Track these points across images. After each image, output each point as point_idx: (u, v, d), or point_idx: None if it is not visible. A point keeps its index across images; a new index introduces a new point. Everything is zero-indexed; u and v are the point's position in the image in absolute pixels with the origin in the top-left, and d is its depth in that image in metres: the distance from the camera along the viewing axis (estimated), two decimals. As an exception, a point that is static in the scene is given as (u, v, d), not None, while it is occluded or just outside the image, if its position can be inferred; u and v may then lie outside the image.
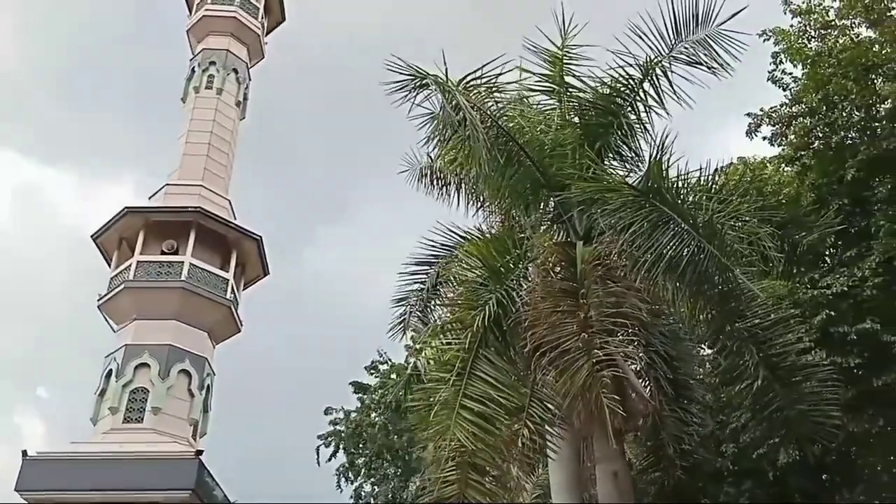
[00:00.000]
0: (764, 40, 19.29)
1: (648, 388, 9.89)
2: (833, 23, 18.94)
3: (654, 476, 15.33)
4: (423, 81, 9.13)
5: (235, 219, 24.06)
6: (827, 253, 18.45)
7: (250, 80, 27.38)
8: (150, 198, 24.14)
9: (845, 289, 16.39)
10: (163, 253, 22.07)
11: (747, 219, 9.68)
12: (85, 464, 18.48)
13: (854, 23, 18.79)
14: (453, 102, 9.04)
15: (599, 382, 8.19)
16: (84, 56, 70.49)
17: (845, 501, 21.64)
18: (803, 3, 19.24)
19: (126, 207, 22.41)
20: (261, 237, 23.45)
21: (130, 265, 21.67)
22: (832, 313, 16.29)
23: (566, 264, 9.50)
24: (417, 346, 12.66)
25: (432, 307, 12.31)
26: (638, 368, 9.51)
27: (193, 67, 26.20)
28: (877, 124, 17.53)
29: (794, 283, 16.83)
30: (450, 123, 9.30)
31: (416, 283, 12.52)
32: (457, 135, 9.52)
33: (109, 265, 22.69)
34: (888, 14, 17.87)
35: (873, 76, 18.06)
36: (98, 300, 21.99)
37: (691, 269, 8.46)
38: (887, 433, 18.14)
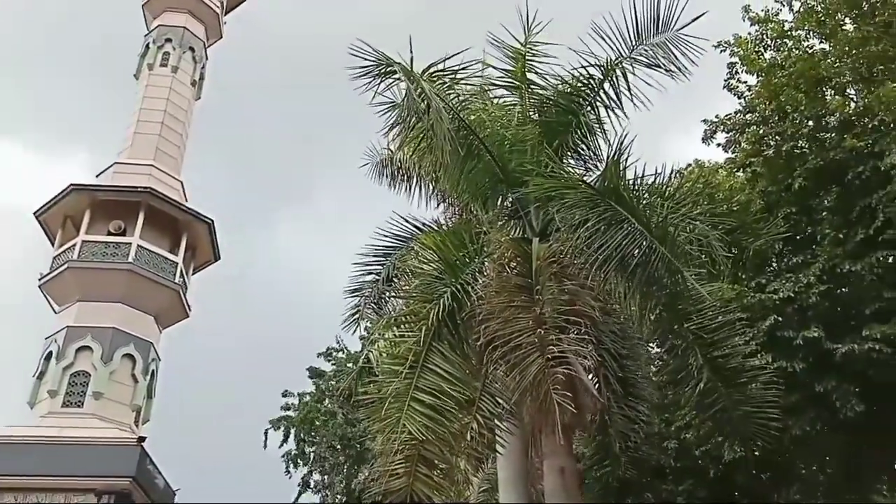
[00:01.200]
0: (721, 51, 19.72)
1: (598, 385, 9.98)
2: (788, 33, 19.44)
3: (601, 472, 15.58)
4: (389, 68, 9.03)
5: (187, 201, 23.53)
6: (774, 259, 18.98)
7: (207, 59, 26.71)
8: (97, 176, 23.40)
9: (791, 294, 16.87)
10: (109, 233, 21.45)
11: (698, 222, 9.87)
12: (21, 448, 17.91)
13: (808, 35, 19.32)
14: (419, 90, 8.96)
15: (550, 378, 8.25)
16: (37, 25, 68.20)
17: (783, 499, 22.37)
18: (762, 11, 19.70)
19: (72, 184, 21.70)
20: (212, 220, 22.98)
21: (75, 244, 21.03)
22: (779, 318, 16.77)
23: (521, 260, 9.53)
24: (371, 338, 12.57)
25: (387, 299, 12.24)
26: (588, 366, 9.58)
27: (148, 43, 25.43)
28: (825, 135, 18.06)
29: (742, 287, 17.27)
30: (414, 111, 9.22)
31: (371, 273, 12.43)
32: (420, 124, 9.46)
33: (53, 244, 22.00)
34: (840, 28, 18.40)
35: (824, 88, 18.59)
36: (40, 280, 21.32)
37: (642, 269, 8.59)
38: (825, 435, 18.76)
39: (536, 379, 8.30)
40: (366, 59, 9.04)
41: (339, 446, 27.88)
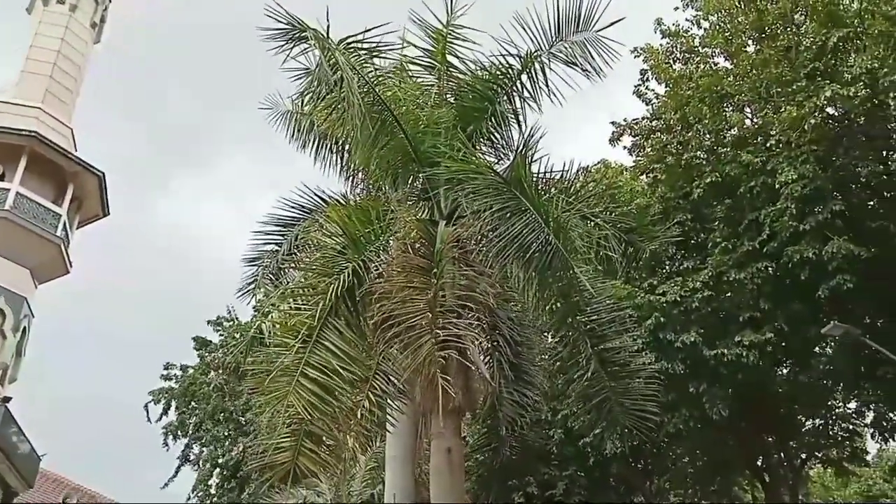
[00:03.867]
0: (635, 56, 20.36)
1: (491, 369, 10.14)
2: (697, 49, 20.29)
3: (487, 454, 15.88)
4: (303, 34, 8.75)
5: (76, 150, 22.09)
6: (666, 262, 19.85)
7: (111, 1, 24.99)
8: (-24, 113, 21.64)
9: (677, 298, 17.72)
10: (-14, 177, 19.99)
11: (599, 220, 10.17)
12: None
13: (714, 52, 20.23)
14: (332, 61, 8.74)
15: (442, 360, 8.29)
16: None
17: (654, 488, 23.55)
18: (673, 25, 20.46)
19: (-54, 120, 20.04)
20: (103, 173, 21.72)
21: (-54, 187, 19.49)
22: (662, 319, 17.57)
23: (426, 242, 9.51)
24: (266, 309, 12.25)
25: (286, 270, 11.96)
26: (482, 350, 9.71)
27: (43, -24, 23.60)
28: (723, 150, 18.98)
29: (634, 287, 17.98)
30: (325, 82, 9.00)
31: (271, 243, 12.12)
32: (331, 95, 9.25)
33: (-78, 185, 20.26)
34: (744, 49, 19.35)
35: (725, 104, 19.53)
36: None
37: (538, 260, 8.74)
38: (696, 432, 19.89)
39: (428, 360, 8.32)
40: (280, 23, 8.74)
41: (221, 418, 27.24)
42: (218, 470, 27.33)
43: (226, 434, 27.03)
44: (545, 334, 13.79)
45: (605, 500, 23.41)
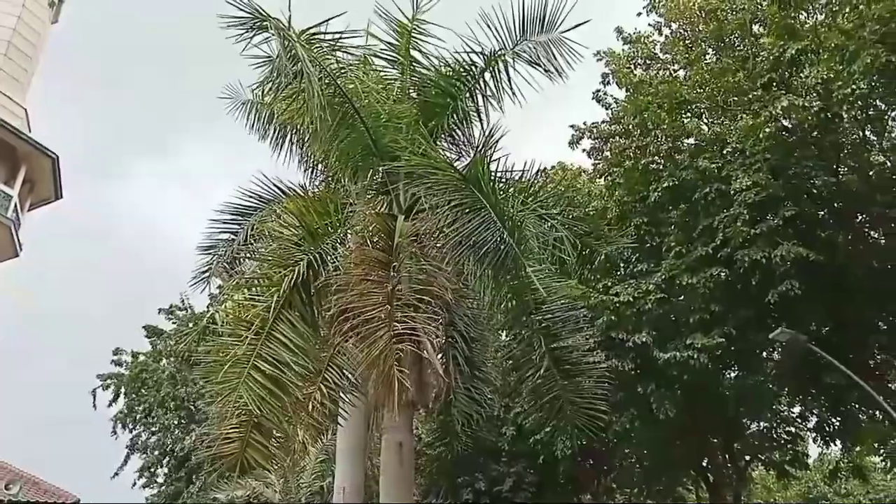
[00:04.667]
0: (597, 60, 20.62)
1: (445, 365, 10.18)
2: (657, 55, 20.63)
3: (438, 449, 15.95)
4: (263, 23, 8.65)
5: (30, 131, 21.53)
6: (622, 264, 20.17)
7: (71, -21, 24.45)
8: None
9: (631, 299, 18.03)
10: (-66, 155, 19.36)
11: (555, 221, 10.27)
12: None
13: (674, 59, 20.59)
14: (292, 52, 8.67)
15: (396, 354, 8.31)
16: None
17: (601, 487, 23.89)
18: (634, 31, 20.78)
19: None
20: (57, 156, 21.22)
21: None
22: (615, 319, 17.85)
23: (384, 236, 9.52)
24: (220, 298, 12.11)
25: (242, 260, 11.84)
26: (437, 345, 9.74)
27: (1, -48, 22.96)
28: (680, 156, 19.34)
29: (589, 287, 18.22)
30: (284, 74, 8.92)
31: (227, 232, 11.96)
32: (291, 86, 9.18)
33: None
34: (703, 58, 19.73)
35: (684, 111, 19.91)
36: None
37: (493, 258, 8.80)
38: (643, 431, 20.26)
39: (383, 353, 8.34)
40: (241, 10, 8.62)
41: (171, 406, 26.85)
42: (167, 459, 26.96)
43: (176, 422, 26.66)
44: (500, 332, 13.90)
45: (553, 498, 23.73)
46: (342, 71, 9.74)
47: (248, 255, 11.32)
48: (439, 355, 10.11)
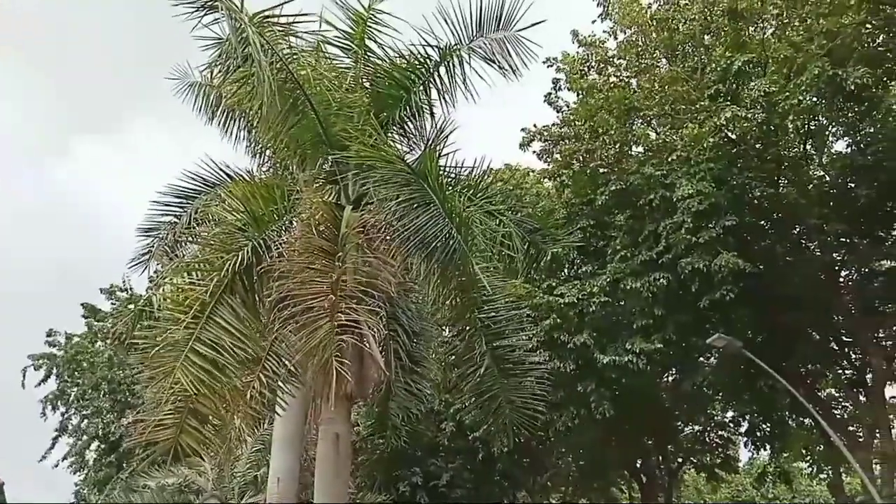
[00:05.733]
0: (548, 66, 20.85)
1: (386, 358, 10.13)
2: (610, 60, 20.95)
3: (377, 442, 15.90)
4: (213, 3, 8.45)
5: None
6: (567, 265, 20.44)
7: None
8: None
9: (575, 300, 18.30)
10: None
11: (503, 219, 10.33)
12: None
13: (626, 65, 20.94)
14: (242, 35, 8.50)
15: (337, 345, 8.24)
16: None
17: (537, 486, 24.14)
18: (589, 36, 21.06)
19: None
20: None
21: None
22: (559, 320, 18.09)
23: (331, 226, 9.41)
24: (158, 281, 11.82)
25: (183, 243, 11.58)
26: (379, 338, 9.69)
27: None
28: (627, 161, 19.70)
29: (534, 287, 18.43)
30: (234, 57, 8.75)
31: (170, 215, 11.70)
32: (241, 70, 9.00)
33: None
34: (655, 66, 20.12)
35: (633, 117, 20.27)
36: None
37: (440, 253, 8.80)
38: (581, 431, 20.58)
39: (323, 344, 8.25)
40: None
41: (106, 389, 26.12)
42: (97, 443, 26.26)
43: (109, 406, 25.95)
44: (443, 328, 13.92)
45: (489, 494, 23.90)
46: (294, 56, 9.60)
47: (190, 238, 11.07)
48: (380, 348, 10.06)
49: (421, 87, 10.62)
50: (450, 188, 9.60)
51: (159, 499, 14.96)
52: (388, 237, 9.30)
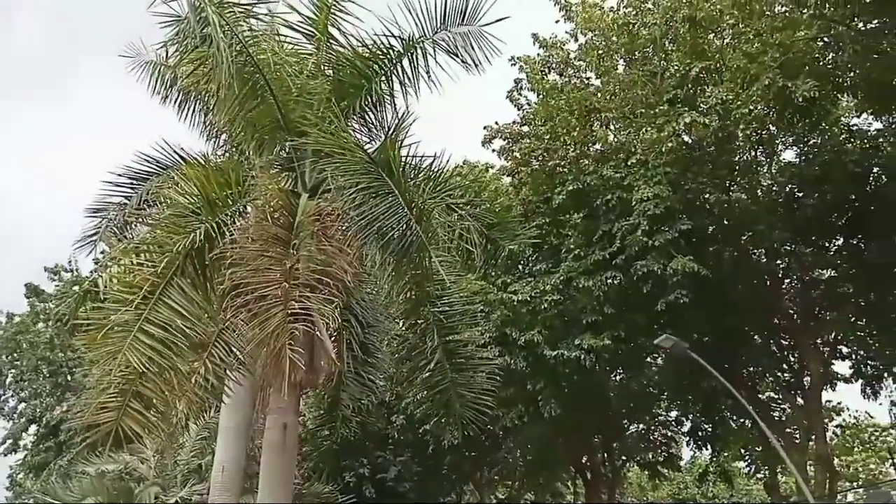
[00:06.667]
0: (512, 65, 20.96)
1: (338, 348, 10.07)
2: (571, 62, 21.15)
3: (324, 433, 15.78)
4: (172, -19, 8.26)
5: None
6: (521, 262, 20.61)
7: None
8: None
9: (528, 298, 18.44)
10: None
11: (462, 212, 10.34)
12: None
13: (587, 68, 21.17)
14: (202, 14, 8.32)
15: (289, 334, 8.15)
16: None
17: (484, 479, 24.28)
18: (550, 37, 21.23)
19: None
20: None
21: None
22: (511, 316, 18.23)
23: (286, 213, 9.30)
24: (106, 262, 11.52)
25: (133, 225, 11.32)
26: (332, 328, 9.62)
27: None
28: (586, 161, 19.93)
29: (489, 283, 18.53)
30: (192, 37, 8.56)
31: (120, 195, 11.42)
32: (199, 50, 8.81)
33: None
34: (614, 69, 20.38)
35: (593, 119, 20.51)
36: None
37: (397, 244, 8.77)
38: (529, 427, 20.80)
39: (275, 332, 8.16)
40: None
41: (46, 372, 25.39)
42: (35, 427, 25.53)
43: (49, 389, 25.24)
44: (397, 320, 13.90)
45: (436, 487, 23.98)
46: (255, 39, 9.44)
47: (140, 220, 10.82)
48: (333, 338, 9.99)
49: (383, 78, 10.55)
50: (410, 179, 9.55)
51: (98, 486, 14.57)
52: (344, 226, 9.23)
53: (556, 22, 21.15)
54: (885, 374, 21.86)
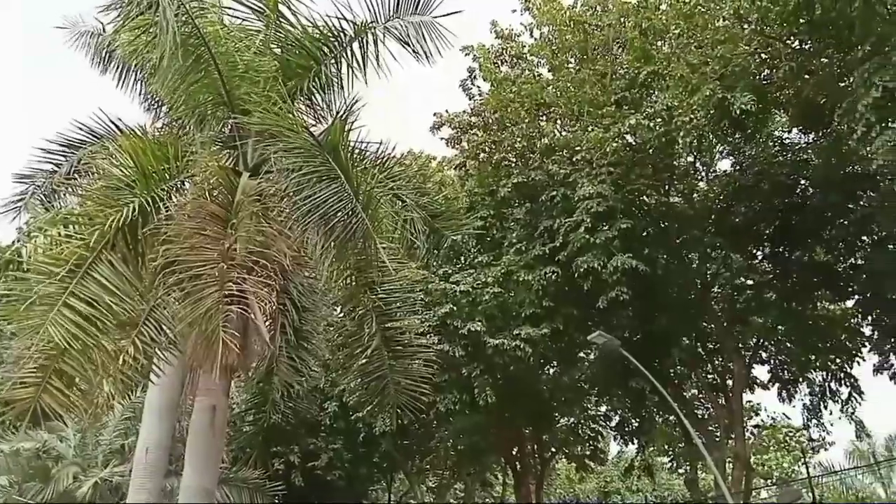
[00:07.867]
0: (465, 55, 20.95)
1: (272, 332, 9.90)
2: (524, 55, 21.28)
3: (254, 417, 15.56)
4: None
5: None
6: (464, 254, 20.68)
7: None
8: None
9: (469, 289, 18.54)
10: None
11: (408, 201, 10.30)
12: None
13: (540, 62, 21.34)
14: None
15: (223, 315, 7.97)
16: None
17: (415, 467, 24.30)
18: (506, 29, 21.31)
19: None
20: None
21: None
22: (454, 307, 18.29)
23: (226, 191, 9.06)
24: (30, 232, 11.06)
25: (62, 195, 10.88)
26: (267, 311, 9.45)
27: None
28: (532, 155, 20.09)
29: (431, 273, 18.54)
30: (136, 2, 8.24)
31: (50, 163, 10.96)
32: (142, 17, 8.50)
33: None
34: (566, 66, 20.59)
35: (541, 113, 20.69)
36: None
37: (341, 230, 8.65)
38: (463, 415, 20.92)
39: (209, 313, 7.96)
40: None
41: (-41, 348, 24.24)
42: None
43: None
44: (335, 307, 13.77)
45: (367, 476, 23.94)
46: (202, 11, 9.15)
47: (70, 190, 10.41)
48: (267, 321, 9.83)
49: (332, 61, 10.39)
50: (357, 164, 9.43)
51: (13, 464, 14.04)
52: (285, 208, 9.06)
53: (513, 11, 21.20)
54: (801, 379, 22.84)
